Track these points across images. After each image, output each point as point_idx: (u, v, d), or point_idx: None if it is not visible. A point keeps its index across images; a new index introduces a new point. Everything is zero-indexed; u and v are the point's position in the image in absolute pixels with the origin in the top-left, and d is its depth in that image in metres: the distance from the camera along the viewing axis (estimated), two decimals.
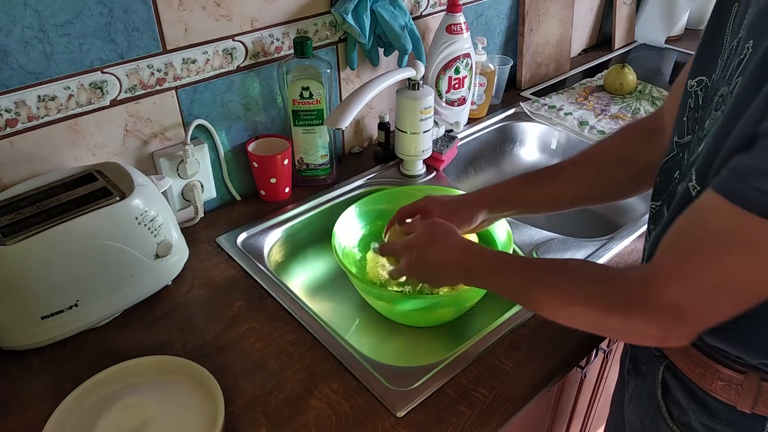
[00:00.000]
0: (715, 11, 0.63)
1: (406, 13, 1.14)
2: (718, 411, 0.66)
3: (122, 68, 0.90)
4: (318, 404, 0.76)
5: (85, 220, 0.79)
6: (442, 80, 1.24)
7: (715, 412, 0.66)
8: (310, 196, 1.13)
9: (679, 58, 1.73)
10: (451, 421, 0.74)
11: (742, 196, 0.49)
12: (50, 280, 0.78)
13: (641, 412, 0.76)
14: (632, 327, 0.59)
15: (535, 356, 0.82)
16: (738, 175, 0.50)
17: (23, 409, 0.75)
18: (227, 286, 0.94)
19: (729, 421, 0.65)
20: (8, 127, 0.84)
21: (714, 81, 0.61)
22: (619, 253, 1.01)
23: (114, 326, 0.86)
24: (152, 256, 0.86)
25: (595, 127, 1.37)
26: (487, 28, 1.42)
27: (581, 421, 1.23)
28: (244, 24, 1.00)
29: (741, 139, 0.51)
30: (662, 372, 0.72)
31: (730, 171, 0.51)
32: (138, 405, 0.72)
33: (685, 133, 0.65)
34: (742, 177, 0.50)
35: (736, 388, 0.63)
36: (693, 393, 0.68)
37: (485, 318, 0.96)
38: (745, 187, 0.49)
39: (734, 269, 0.52)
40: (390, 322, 0.96)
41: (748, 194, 0.49)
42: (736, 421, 0.65)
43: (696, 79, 0.64)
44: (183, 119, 1.01)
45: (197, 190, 1.04)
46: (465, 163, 1.36)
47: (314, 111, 1.07)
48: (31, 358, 0.81)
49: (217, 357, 0.82)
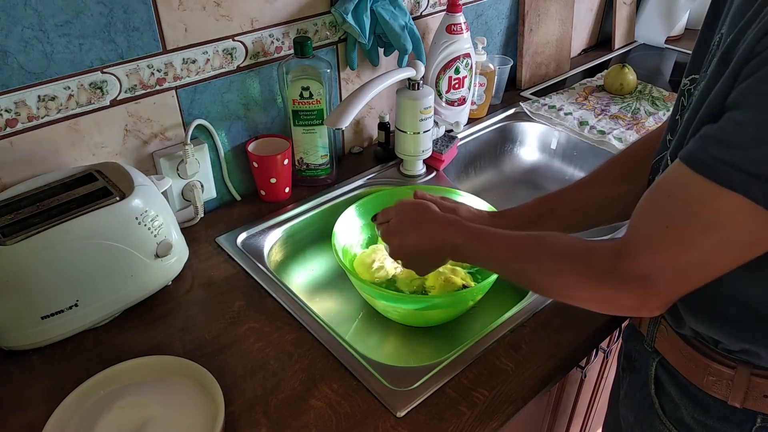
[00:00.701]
0: (709, 11, 0.64)
1: (406, 13, 1.14)
2: (710, 406, 0.66)
3: (122, 68, 0.90)
4: (318, 404, 0.76)
5: (85, 220, 0.79)
6: (442, 80, 1.24)
7: (707, 407, 0.67)
8: (310, 196, 1.13)
9: (679, 58, 1.73)
10: (451, 421, 0.74)
11: (706, 165, 0.51)
12: (50, 280, 0.78)
13: (635, 407, 0.76)
14: (606, 296, 0.62)
15: (535, 356, 0.82)
16: (702, 146, 0.52)
17: (23, 409, 0.75)
18: (227, 286, 0.94)
19: (721, 416, 0.66)
20: (8, 127, 0.84)
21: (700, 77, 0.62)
22: None
23: (114, 326, 0.86)
24: (152, 256, 0.86)
25: (595, 127, 1.37)
26: (487, 28, 1.42)
27: (581, 421, 1.23)
28: (244, 24, 1.00)
29: (709, 113, 0.53)
30: (655, 368, 0.73)
31: (695, 141, 0.53)
32: (138, 405, 0.72)
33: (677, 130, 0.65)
34: (707, 147, 0.51)
35: (726, 383, 0.64)
36: (685, 388, 0.68)
37: (485, 318, 0.96)
38: (708, 157, 0.51)
39: (701, 239, 0.53)
40: (390, 322, 0.96)
41: (711, 164, 0.50)
42: (728, 416, 0.65)
43: (689, 78, 0.65)
44: (183, 119, 1.01)
45: (197, 190, 1.04)
46: (465, 163, 1.36)
47: (314, 111, 1.07)
48: (31, 358, 0.81)
49: (217, 357, 0.82)
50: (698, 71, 0.63)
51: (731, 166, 0.49)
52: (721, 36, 0.57)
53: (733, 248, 0.53)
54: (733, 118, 0.50)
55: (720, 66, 0.53)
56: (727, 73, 0.51)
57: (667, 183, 0.56)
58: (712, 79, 0.54)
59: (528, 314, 0.88)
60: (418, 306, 0.90)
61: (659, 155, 0.69)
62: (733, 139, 0.49)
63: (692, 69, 0.65)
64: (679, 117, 0.66)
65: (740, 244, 0.53)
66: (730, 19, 0.56)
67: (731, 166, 0.49)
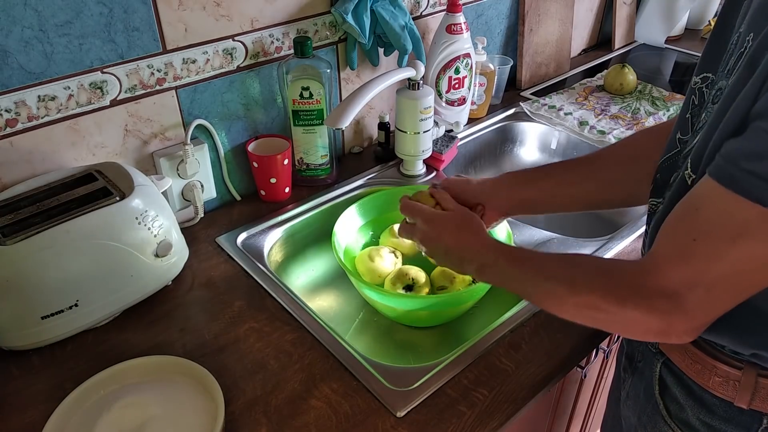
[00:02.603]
0: (723, 8, 0.63)
1: (406, 13, 1.14)
2: (716, 407, 0.66)
3: (122, 68, 0.90)
4: (318, 404, 0.76)
5: (85, 220, 0.79)
6: (442, 80, 1.24)
7: (712, 409, 0.66)
8: (310, 196, 1.13)
9: (679, 58, 1.73)
10: (451, 421, 0.74)
11: (736, 180, 0.49)
12: (50, 280, 0.78)
13: (638, 409, 0.76)
14: (632, 317, 0.58)
15: (535, 356, 0.82)
16: (731, 160, 0.50)
17: (23, 409, 0.75)
18: (227, 286, 0.94)
19: (727, 417, 0.65)
20: (8, 127, 0.84)
21: (716, 76, 0.61)
22: (619, 253, 1.01)
23: (114, 326, 0.86)
24: (152, 256, 0.86)
25: (595, 127, 1.37)
26: (487, 28, 1.42)
27: (581, 421, 1.23)
28: (244, 24, 1.00)
29: (733, 124, 0.51)
30: (659, 369, 0.72)
31: (723, 156, 0.51)
32: (138, 405, 0.72)
33: (688, 130, 0.65)
34: (735, 161, 0.49)
35: (733, 384, 0.64)
36: (690, 389, 0.68)
37: (485, 318, 0.96)
38: (737, 171, 0.49)
39: (731, 255, 0.51)
40: (390, 322, 0.96)
41: (741, 178, 0.49)
42: (734, 417, 0.65)
43: (701, 76, 0.64)
44: (183, 119, 1.01)
45: (197, 190, 1.04)
46: (465, 163, 1.36)
47: (314, 111, 1.08)
48: (31, 358, 0.81)
49: (217, 357, 0.82)
50: (711, 70, 0.62)
51: (760, 178, 0.48)
52: (740, 34, 0.56)
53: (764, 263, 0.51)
54: (762, 128, 0.48)
55: (747, 70, 0.51)
56: (753, 80, 0.49)
57: (695, 198, 0.55)
58: (739, 83, 0.52)
59: (528, 314, 0.88)
60: (417, 306, 0.90)
61: (668, 153, 0.68)
62: (763, 150, 0.48)
63: (704, 67, 0.64)
64: (689, 116, 0.65)
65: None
66: (750, 19, 0.55)
67: (760, 178, 0.48)
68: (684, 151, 0.64)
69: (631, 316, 0.58)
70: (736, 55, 0.55)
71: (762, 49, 0.50)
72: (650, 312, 0.56)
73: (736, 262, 0.52)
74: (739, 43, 0.55)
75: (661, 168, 0.69)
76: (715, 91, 0.59)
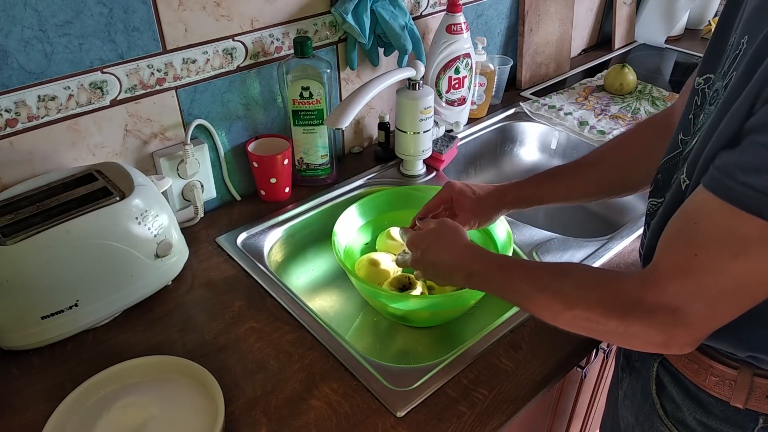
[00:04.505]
0: (725, 9, 0.63)
1: (406, 13, 1.14)
2: (712, 407, 0.66)
3: (122, 68, 0.90)
4: (318, 404, 0.76)
5: (85, 220, 0.79)
6: (442, 80, 1.24)
7: (709, 408, 0.66)
8: (310, 196, 1.13)
9: (679, 58, 1.73)
10: (451, 421, 0.74)
11: (732, 193, 0.49)
12: (50, 280, 0.78)
13: (635, 408, 0.76)
14: (632, 330, 0.58)
15: (535, 356, 0.82)
16: (726, 172, 0.50)
17: (23, 409, 0.75)
18: (227, 286, 0.94)
19: (723, 416, 0.66)
20: (8, 127, 0.84)
21: (715, 77, 0.61)
22: (619, 253, 1.01)
23: (114, 326, 0.86)
24: (152, 256, 0.86)
25: (595, 127, 1.37)
26: (487, 28, 1.42)
27: (581, 421, 1.23)
28: (244, 24, 1.00)
29: (726, 136, 0.51)
30: (656, 368, 0.72)
31: (718, 168, 0.51)
32: (138, 405, 0.72)
33: (690, 130, 0.65)
34: (732, 174, 0.49)
35: (729, 383, 0.64)
36: (687, 389, 0.68)
37: (485, 318, 0.96)
38: (734, 183, 0.49)
39: (733, 271, 0.51)
40: (390, 322, 0.96)
41: (738, 191, 0.49)
42: (730, 417, 0.65)
43: (703, 77, 0.64)
44: (183, 119, 1.01)
45: (197, 190, 1.04)
46: (465, 163, 1.36)
47: (314, 111, 1.08)
48: (31, 358, 0.81)
49: (217, 357, 0.82)
50: (712, 71, 0.62)
51: (758, 192, 0.47)
52: (737, 36, 0.56)
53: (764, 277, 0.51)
54: (758, 141, 0.48)
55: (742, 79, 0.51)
56: (746, 92, 0.49)
57: (692, 211, 0.55)
58: (734, 93, 0.52)
59: (528, 314, 0.88)
60: (417, 306, 0.90)
61: (670, 154, 0.68)
62: (760, 164, 0.47)
63: (706, 68, 0.64)
64: (692, 116, 0.65)
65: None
66: (745, 21, 0.55)
67: (758, 191, 0.47)
68: (684, 152, 0.64)
69: (633, 330, 0.58)
70: (731, 58, 0.55)
71: (756, 59, 0.50)
72: (652, 326, 0.57)
73: (737, 277, 0.52)
74: (734, 45, 0.55)
75: (662, 168, 0.69)
76: (713, 92, 0.59)
